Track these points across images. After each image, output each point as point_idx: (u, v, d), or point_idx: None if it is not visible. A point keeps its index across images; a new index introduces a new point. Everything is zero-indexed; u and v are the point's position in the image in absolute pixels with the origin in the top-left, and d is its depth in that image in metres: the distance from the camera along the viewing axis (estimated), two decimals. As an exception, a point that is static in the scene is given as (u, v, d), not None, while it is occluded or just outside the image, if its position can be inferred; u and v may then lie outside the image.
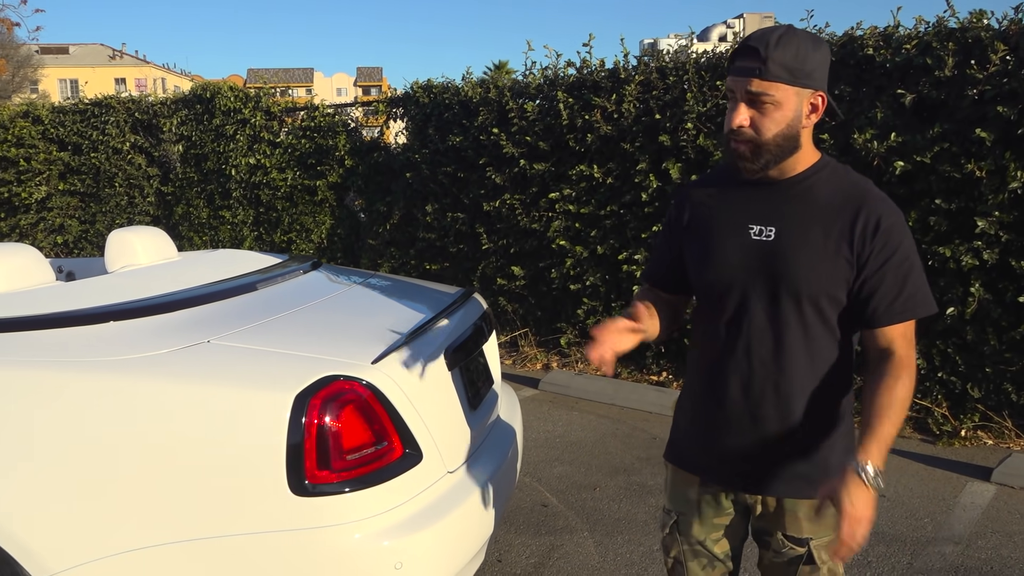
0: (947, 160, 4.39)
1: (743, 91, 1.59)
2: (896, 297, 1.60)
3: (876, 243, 1.60)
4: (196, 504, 1.98)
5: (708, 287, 1.76)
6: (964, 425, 4.56)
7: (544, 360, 6.36)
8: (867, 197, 1.63)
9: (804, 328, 1.65)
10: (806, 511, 1.71)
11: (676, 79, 5.40)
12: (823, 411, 1.69)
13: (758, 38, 1.59)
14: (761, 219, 1.68)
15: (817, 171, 1.67)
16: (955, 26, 4.41)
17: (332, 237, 7.88)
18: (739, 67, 1.59)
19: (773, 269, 1.65)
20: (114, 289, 2.53)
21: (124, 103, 8.91)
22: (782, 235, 1.65)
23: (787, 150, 1.62)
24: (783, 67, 1.56)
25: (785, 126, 1.60)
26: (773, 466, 1.71)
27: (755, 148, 1.61)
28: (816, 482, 1.68)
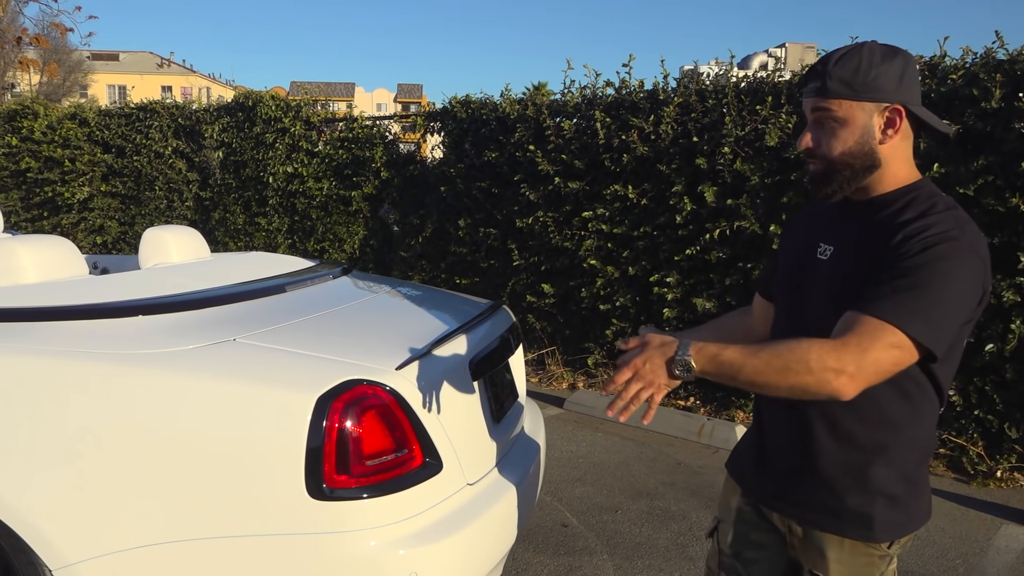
0: (991, 193, 4.29)
1: (809, 111, 1.58)
2: (870, 291, 1.44)
3: (902, 249, 1.44)
4: (214, 502, 1.96)
5: (777, 303, 1.79)
6: (1000, 466, 4.43)
7: (570, 379, 6.31)
8: (930, 215, 1.47)
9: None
10: (835, 552, 1.60)
11: (715, 102, 5.36)
12: (859, 443, 1.57)
13: (822, 59, 1.57)
14: (829, 238, 1.65)
15: (903, 195, 1.54)
16: (1004, 57, 4.33)
17: (365, 248, 7.92)
18: (807, 89, 1.58)
19: (824, 289, 1.61)
20: (145, 284, 2.55)
21: (168, 108, 9.07)
22: (836, 255, 1.61)
23: (861, 169, 1.55)
24: (842, 82, 1.52)
25: (853, 143, 1.53)
26: (798, 491, 1.64)
27: (826, 168, 1.57)
28: (841, 518, 1.59)
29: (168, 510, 1.98)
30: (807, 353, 1.39)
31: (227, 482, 1.96)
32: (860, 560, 1.60)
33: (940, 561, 3.52)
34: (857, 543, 1.60)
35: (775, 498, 1.70)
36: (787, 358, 1.40)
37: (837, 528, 1.60)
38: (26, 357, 2.07)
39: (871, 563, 1.60)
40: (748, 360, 1.42)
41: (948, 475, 4.53)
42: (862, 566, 1.60)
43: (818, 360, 1.38)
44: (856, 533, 1.59)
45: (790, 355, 1.40)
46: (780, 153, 5.07)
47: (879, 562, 1.60)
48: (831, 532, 1.61)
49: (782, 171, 5.09)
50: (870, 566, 1.60)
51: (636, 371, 1.46)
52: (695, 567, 3.38)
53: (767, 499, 1.73)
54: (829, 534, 1.61)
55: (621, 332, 5.98)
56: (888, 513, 1.58)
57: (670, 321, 5.63)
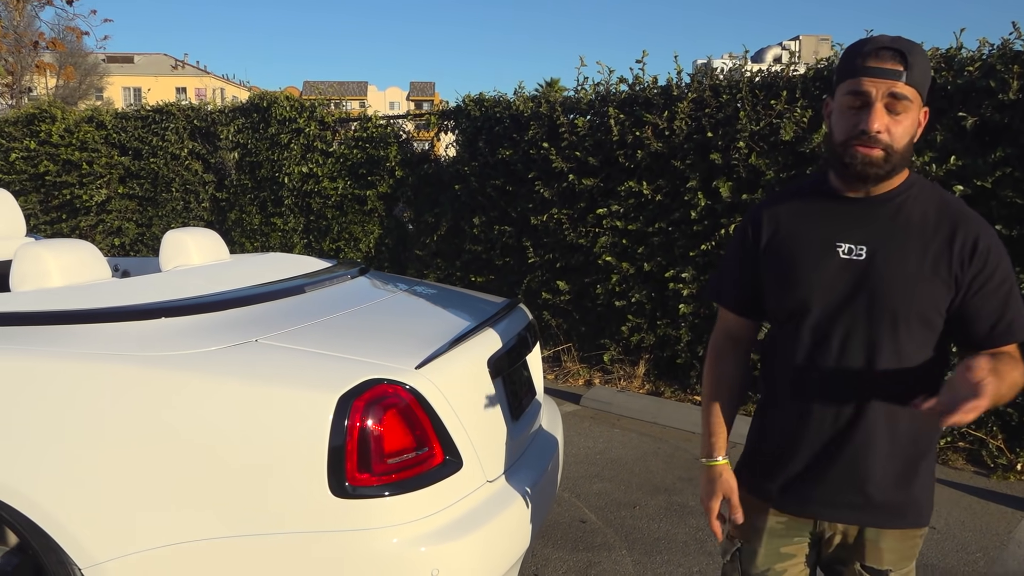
0: (1009, 185, 4.27)
1: (886, 93, 1.50)
2: (997, 322, 1.56)
3: (975, 265, 1.54)
4: (237, 500, 1.99)
5: (792, 308, 1.66)
6: (1020, 459, 4.40)
7: (586, 376, 6.32)
8: (962, 216, 1.58)
9: (897, 351, 1.57)
10: (888, 541, 1.65)
11: (729, 97, 5.35)
12: (913, 439, 1.62)
13: (899, 42, 1.52)
14: (851, 237, 1.60)
15: (908, 187, 1.61)
16: (1021, 48, 4.30)
17: (380, 247, 7.96)
18: (881, 69, 1.50)
19: (867, 289, 1.58)
20: (167, 287, 2.58)
21: (184, 110, 9.14)
22: (876, 254, 1.58)
23: (905, 162, 1.57)
24: (923, 75, 1.52)
25: (911, 136, 1.55)
26: (857, 494, 1.64)
27: (887, 156, 1.53)
28: (901, 512, 1.64)
29: (194, 509, 2.01)
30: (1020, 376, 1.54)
31: (251, 481, 1.99)
32: (909, 543, 1.68)
33: (960, 555, 3.51)
34: (907, 530, 1.67)
35: (828, 506, 1.67)
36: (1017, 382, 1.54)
37: (895, 523, 1.65)
38: (54, 360, 2.11)
39: (915, 544, 1.69)
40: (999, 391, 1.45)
41: (968, 468, 4.51)
42: (910, 548, 1.68)
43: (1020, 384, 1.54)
44: (912, 522, 1.66)
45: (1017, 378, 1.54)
46: (795, 147, 5.05)
47: (920, 541, 1.71)
48: (889, 527, 1.65)
49: (797, 165, 5.08)
50: (915, 547, 1.70)
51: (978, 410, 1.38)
52: (713, 561, 3.39)
53: (815, 509, 1.68)
54: (888, 529, 1.66)
55: (636, 328, 5.98)
56: (930, 496, 1.69)
57: (686, 317, 5.63)
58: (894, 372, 1.57)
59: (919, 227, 1.57)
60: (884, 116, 1.51)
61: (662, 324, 5.85)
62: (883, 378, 1.58)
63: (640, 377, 6.02)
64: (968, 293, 1.55)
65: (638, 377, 6.02)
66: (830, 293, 1.61)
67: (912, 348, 1.58)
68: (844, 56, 1.58)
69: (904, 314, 1.56)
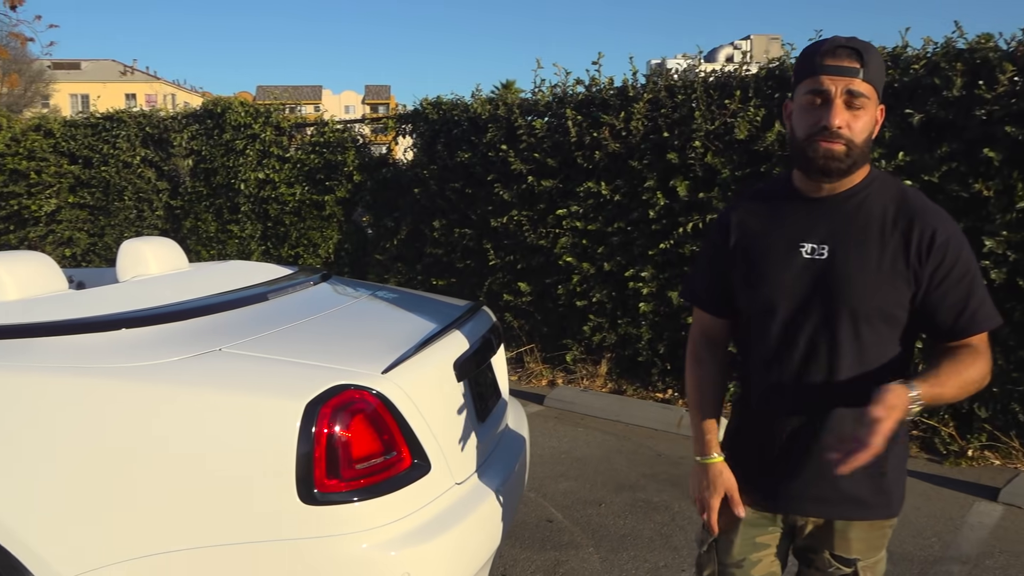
0: (955, 179, 4.40)
1: (842, 90, 1.54)
2: (960, 314, 1.58)
3: (933, 258, 1.56)
4: (206, 511, 1.98)
5: (759, 308, 1.71)
6: (971, 445, 4.54)
7: (550, 376, 6.36)
8: (920, 210, 1.60)
9: (859, 347, 1.61)
10: (857, 531, 1.70)
11: (684, 97, 5.43)
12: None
13: (854, 41, 1.57)
14: (813, 236, 1.64)
15: (869, 184, 1.64)
16: (963, 47, 4.44)
17: (339, 252, 7.91)
18: (838, 67, 1.54)
19: (828, 288, 1.61)
20: (126, 297, 2.55)
21: (135, 117, 8.98)
22: (837, 253, 1.61)
23: (864, 158, 1.60)
24: (878, 72, 1.56)
25: (870, 132, 1.59)
26: (825, 487, 1.67)
27: (848, 151, 1.57)
28: (870, 504, 1.68)
29: (160, 521, 1.99)
30: (976, 373, 1.58)
31: (219, 491, 1.98)
32: (878, 533, 1.72)
33: (917, 540, 3.61)
34: (876, 521, 1.71)
35: (800, 500, 1.71)
36: (966, 383, 1.57)
37: (864, 514, 1.70)
38: (12, 375, 2.07)
39: (884, 534, 1.74)
40: (952, 392, 1.56)
41: (921, 456, 4.63)
42: (878, 538, 1.73)
43: (982, 375, 1.59)
44: (880, 513, 1.70)
45: (966, 381, 1.57)
46: (750, 146, 5.15)
47: (889, 532, 1.75)
48: (858, 519, 1.70)
49: (752, 163, 5.17)
50: (883, 537, 1.74)
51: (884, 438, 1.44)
52: (679, 556, 3.44)
53: (788, 503, 1.73)
54: (856, 521, 1.70)
55: (598, 328, 6.04)
56: (898, 489, 1.73)
57: (646, 315, 5.70)
58: (858, 368, 1.61)
59: (879, 223, 1.60)
60: (844, 112, 1.55)
61: (623, 323, 5.91)
62: (848, 374, 1.61)
63: (603, 376, 6.08)
64: (930, 287, 1.57)
65: (601, 376, 6.08)
66: (794, 293, 1.65)
67: (875, 344, 1.61)
68: (801, 57, 1.62)
69: (865, 311, 1.59)
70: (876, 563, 1.73)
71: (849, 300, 1.59)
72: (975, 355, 1.58)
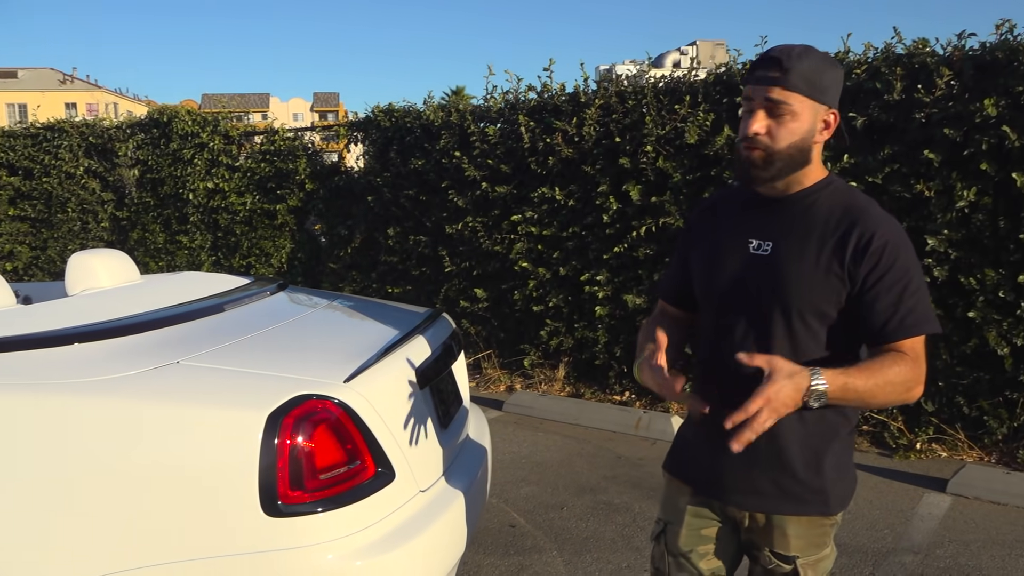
0: (898, 180, 4.53)
1: (762, 99, 1.60)
2: (890, 318, 1.59)
3: (868, 261, 1.59)
4: (167, 527, 1.94)
5: (706, 300, 1.79)
6: (919, 438, 4.68)
7: (508, 382, 6.37)
8: (863, 215, 1.62)
9: (793, 344, 1.64)
10: (795, 528, 1.72)
11: (635, 103, 5.50)
12: (814, 428, 1.68)
13: (780, 50, 1.61)
14: (760, 233, 1.70)
15: (821, 188, 1.68)
16: (902, 52, 4.58)
17: (292, 261, 7.83)
18: (760, 76, 1.61)
19: (766, 283, 1.66)
20: (77, 311, 2.49)
21: (78, 127, 8.78)
22: (778, 249, 1.67)
23: (798, 162, 1.64)
24: (803, 78, 1.58)
25: (799, 138, 1.62)
26: (762, 482, 1.71)
27: (768, 156, 1.62)
28: (805, 500, 1.70)
29: (119, 539, 1.95)
30: (898, 375, 1.56)
31: (181, 506, 1.94)
32: (817, 531, 1.74)
33: (870, 533, 3.70)
34: (815, 518, 1.73)
35: (736, 492, 1.75)
36: (886, 382, 1.55)
37: (800, 511, 1.72)
38: (-40, 393, 2.01)
39: (824, 532, 1.75)
40: (866, 386, 1.54)
41: (872, 450, 4.76)
42: (818, 536, 1.74)
43: (905, 378, 1.57)
44: (816, 511, 1.72)
45: (886, 379, 1.55)
46: (700, 150, 5.23)
47: (830, 530, 1.77)
48: (795, 515, 1.72)
49: (702, 167, 5.26)
50: (823, 535, 1.76)
51: (768, 401, 1.45)
52: (641, 556, 3.48)
53: (726, 494, 1.77)
54: (793, 516, 1.72)
55: (555, 332, 6.07)
56: (839, 487, 1.74)
57: (603, 319, 5.75)
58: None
59: (822, 224, 1.65)
60: (764, 119, 1.61)
61: (580, 327, 5.95)
62: None
63: (560, 380, 6.11)
64: (863, 289, 1.60)
65: (558, 380, 6.11)
66: (737, 286, 1.71)
67: (809, 340, 1.64)
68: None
69: (799, 308, 1.63)
70: (818, 561, 1.74)
71: (785, 295, 1.64)
72: (900, 359, 1.57)
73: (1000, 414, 4.47)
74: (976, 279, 4.37)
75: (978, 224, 4.33)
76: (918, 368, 1.59)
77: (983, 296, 4.37)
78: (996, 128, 4.19)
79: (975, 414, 4.55)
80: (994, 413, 4.48)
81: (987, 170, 4.25)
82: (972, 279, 4.38)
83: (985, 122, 4.22)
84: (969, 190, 4.30)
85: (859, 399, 1.55)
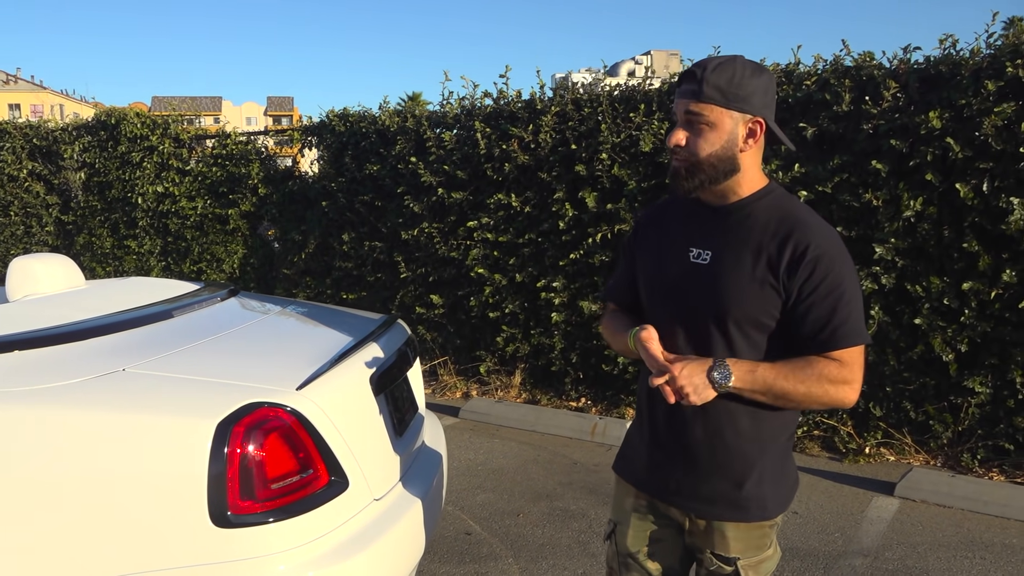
0: (847, 190, 4.62)
1: (681, 112, 1.66)
2: (821, 329, 1.60)
3: (802, 272, 1.60)
4: (114, 539, 1.89)
5: (649, 304, 1.82)
6: (868, 442, 4.77)
7: (464, 388, 6.34)
8: (799, 225, 1.64)
9: (732, 352, 1.66)
10: (734, 531, 1.74)
11: (591, 110, 5.53)
12: (750, 435, 1.70)
13: (699, 63, 1.65)
14: (701, 242, 1.72)
15: (760, 198, 1.70)
16: (850, 64, 4.68)
17: (245, 267, 7.70)
18: (680, 90, 1.66)
19: (704, 292, 1.68)
20: (18, 318, 2.41)
21: (21, 129, 8.53)
22: (716, 259, 1.68)
23: (722, 172, 1.66)
24: (717, 90, 1.61)
25: (719, 147, 1.64)
26: (700, 487, 1.74)
27: (690, 167, 1.66)
28: (743, 506, 1.72)
29: (68, 551, 1.89)
30: (812, 377, 1.60)
31: (128, 517, 1.89)
32: (756, 534, 1.76)
33: (821, 536, 3.76)
34: (753, 522, 1.74)
35: (675, 495, 1.78)
36: (808, 376, 1.60)
37: (738, 516, 1.73)
38: None
39: (764, 534, 1.77)
40: (778, 380, 1.60)
41: (823, 455, 4.83)
42: (757, 538, 1.76)
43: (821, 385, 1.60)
44: (754, 515, 1.73)
45: (812, 373, 1.60)
46: (655, 158, 5.28)
47: (770, 532, 1.78)
48: (733, 520, 1.73)
49: (657, 175, 5.31)
50: (763, 537, 1.77)
51: (675, 373, 1.58)
52: (597, 562, 3.48)
53: (666, 496, 1.80)
54: (731, 522, 1.73)
55: (511, 339, 6.06)
56: (777, 492, 1.76)
57: (559, 325, 5.76)
58: None
59: (759, 234, 1.66)
60: (683, 132, 1.67)
61: (536, 333, 5.95)
62: None
63: (517, 387, 6.10)
64: (797, 299, 1.62)
65: (515, 387, 6.10)
66: (677, 293, 1.74)
67: (747, 349, 1.66)
68: None
69: (736, 316, 1.65)
70: (760, 562, 1.77)
71: (724, 304, 1.66)
72: (827, 361, 1.60)
73: (945, 418, 4.58)
74: (922, 287, 4.48)
75: (923, 233, 4.44)
76: (846, 371, 1.61)
77: (928, 303, 4.48)
78: (940, 140, 4.30)
79: (921, 418, 4.66)
80: (939, 418, 4.59)
81: (932, 180, 4.36)
82: (918, 287, 4.48)
83: (930, 134, 4.33)
84: (915, 200, 4.41)
85: (772, 391, 1.60)
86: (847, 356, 1.61)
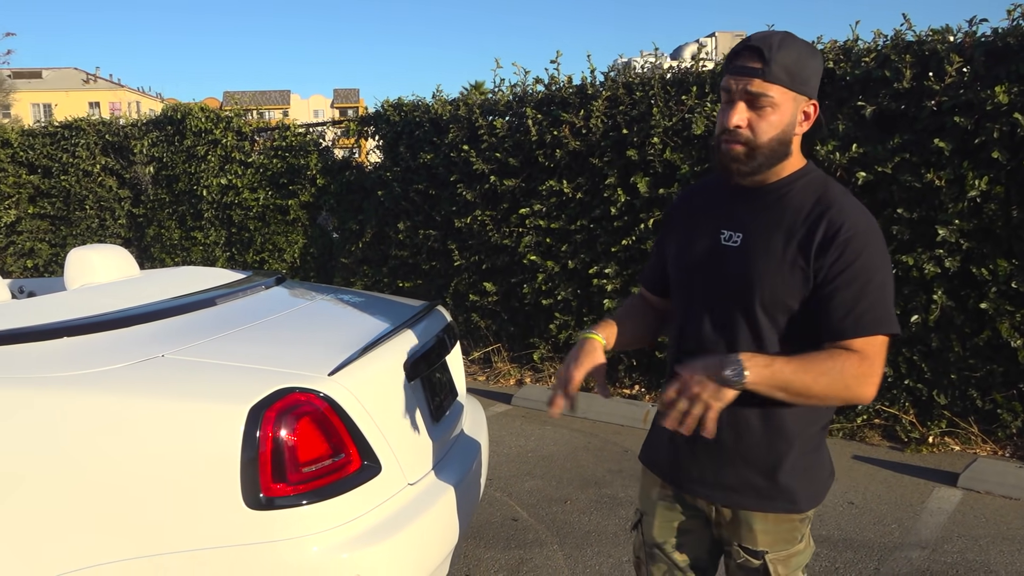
0: (908, 170, 4.46)
1: (743, 91, 1.56)
2: (846, 314, 1.52)
3: (831, 254, 1.53)
4: (151, 519, 1.95)
5: (676, 288, 1.77)
6: (931, 432, 4.60)
7: (517, 376, 6.35)
8: (834, 206, 1.56)
9: (758, 337, 1.60)
10: (761, 524, 1.69)
11: (642, 94, 5.45)
12: (777, 423, 1.64)
13: (761, 39, 1.55)
14: (732, 224, 1.67)
15: (797, 179, 1.63)
16: (912, 39, 4.49)
17: (305, 256, 7.86)
18: (740, 67, 1.56)
19: (736, 274, 1.63)
20: (70, 306, 2.50)
21: (94, 125, 8.87)
22: (746, 241, 1.63)
23: (779, 155, 1.60)
24: (785, 70, 1.54)
25: (780, 131, 1.57)
26: (725, 476, 1.69)
27: (750, 150, 1.58)
28: (769, 496, 1.67)
29: (107, 530, 1.96)
30: (836, 369, 1.50)
31: (164, 498, 1.95)
32: (784, 527, 1.70)
33: (877, 527, 3.65)
34: (782, 514, 1.69)
35: (702, 485, 1.73)
36: (829, 371, 1.49)
37: (766, 507, 1.68)
38: (-54, 387, 2.03)
39: (794, 528, 1.71)
40: (797, 375, 1.49)
41: (883, 444, 4.69)
42: (787, 532, 1.70)
43: (846, 375, 1.50)
44: (783, 507, 1.68)
45: (821, 371, 1.49)
46: (707, 141, 5.18)
47: (800, 526, 1.72)
48: (760, 511, 1.68)
49: (710, 158, 5.20)
50: (793, 531, 1.71)
51: (683, 385, 1.47)
52: (643, 550, 3.45)
53: (693, 486, 1.76)
54: (758, 512, 1.68)
55: (564, 326, 6.04)
56: (808, 485, 1.70)
57: (611, 311, 5.70)
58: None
59: (792, 216, 1.60)
60: (744, 112, 1.57)
61: (589, 320, 5.92)
62: None
63: (570, 374, 6.07)
64: (824, 282, 1.54)
65: (568, 374, 6.07)
66: (707, 276, 1.68)
67: (774, 333, 1.60)
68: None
69: (764, 300, 1.59)
70: (789, 556, 1.70)
71: (753, 287, 1.60)
72: (841, 354, 1.51)
73: (1014, 407, 4.39)
74: (988, 270, 4.29)
75: (990, 214, 4.25)
76: (866, 366, 1.52)
77: (995, 287, 4.29)
78: (1008, 116, 4.11)
79: (988, 407, 4.48)
80: (1008, 406, 4.40)
81: (999, 158, 4.17)
82: (984, 270, 4.30)
83: (996, 110, 4.13)
84: (981, 179, 4.22)
85: (791, 387, 1.49)
86: (869, 347, 1.53)
